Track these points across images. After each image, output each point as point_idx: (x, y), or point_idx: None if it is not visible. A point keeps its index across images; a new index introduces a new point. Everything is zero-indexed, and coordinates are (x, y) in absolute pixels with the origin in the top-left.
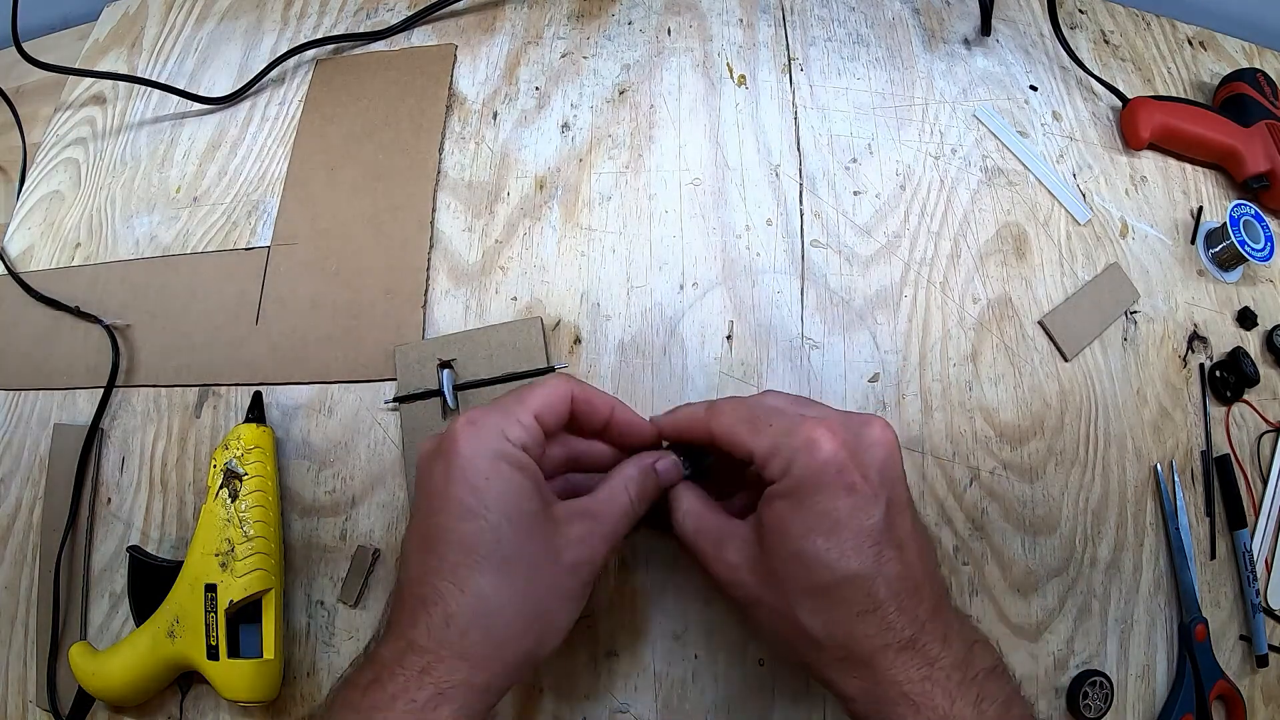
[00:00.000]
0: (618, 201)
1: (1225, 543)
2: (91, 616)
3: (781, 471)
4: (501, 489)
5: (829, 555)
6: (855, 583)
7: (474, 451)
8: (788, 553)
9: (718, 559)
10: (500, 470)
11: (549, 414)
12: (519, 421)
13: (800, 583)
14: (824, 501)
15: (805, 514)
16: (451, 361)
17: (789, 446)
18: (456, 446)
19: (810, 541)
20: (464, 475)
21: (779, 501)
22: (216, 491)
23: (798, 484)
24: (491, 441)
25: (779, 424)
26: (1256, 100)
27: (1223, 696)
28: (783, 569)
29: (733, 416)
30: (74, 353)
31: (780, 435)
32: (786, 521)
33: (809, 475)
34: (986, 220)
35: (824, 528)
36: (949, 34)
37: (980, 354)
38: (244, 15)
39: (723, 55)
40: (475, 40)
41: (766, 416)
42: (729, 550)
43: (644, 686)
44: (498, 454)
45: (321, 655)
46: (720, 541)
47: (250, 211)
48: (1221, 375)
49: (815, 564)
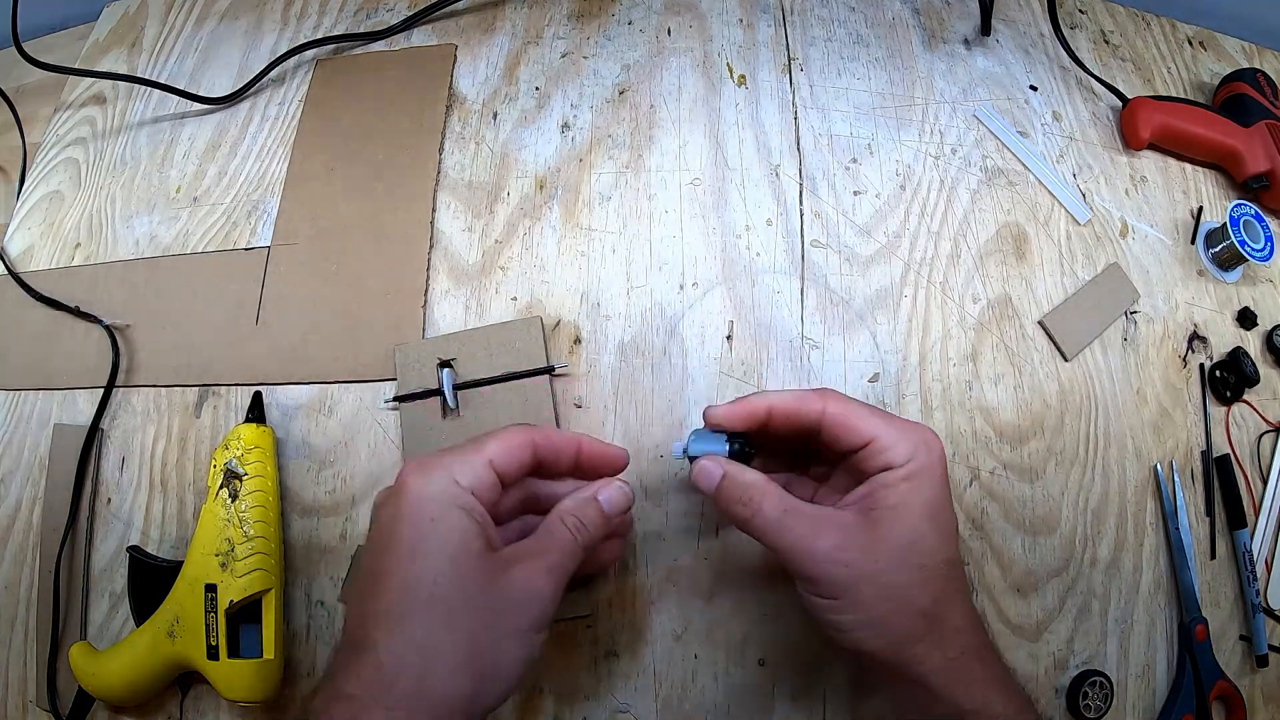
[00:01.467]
0: (618, 201)
1: (1225, 543)
2: (91, 616)
3: (907, 455)
4: (445, 531)
5: (940, 538)
6: (957, 566)
7: (421, 494)
8: (910, 529)
9: (813, 544)
10: (446, 512)
11: (505, 461)
12: (470, 466)
13: (918, 557)
14: (939, 489)
15: (926, 495)
16: (451, 361)
17: (910, 437)
18: (406, 488)
19: (929, 521)
20: (410, 516)
21: (903, 484)
22: (216, 491)
23: (922, 468)
24: (440, 484)
25: (889, 417)
26: (1256, 100)
27: (1223, 696)
28: (905, 542)
29: (847, 403)
30: (74, 353)
31: (903, 427)
32: (910, 500)
33: (930, 464)
34: (986, 220)
35: (935, 513)
36: (949, 34)
37: (980, 354)
38: (244, 15)
39: (723, 55)
40: (475, 40)
41: (873, 409)
42: (831, 532)
43: (644, 686)
44: (445, 496)
45: (321, 655)
46: (818, 524)
47: (250, 211)
48: (1221, 375)
49: (932, 541)
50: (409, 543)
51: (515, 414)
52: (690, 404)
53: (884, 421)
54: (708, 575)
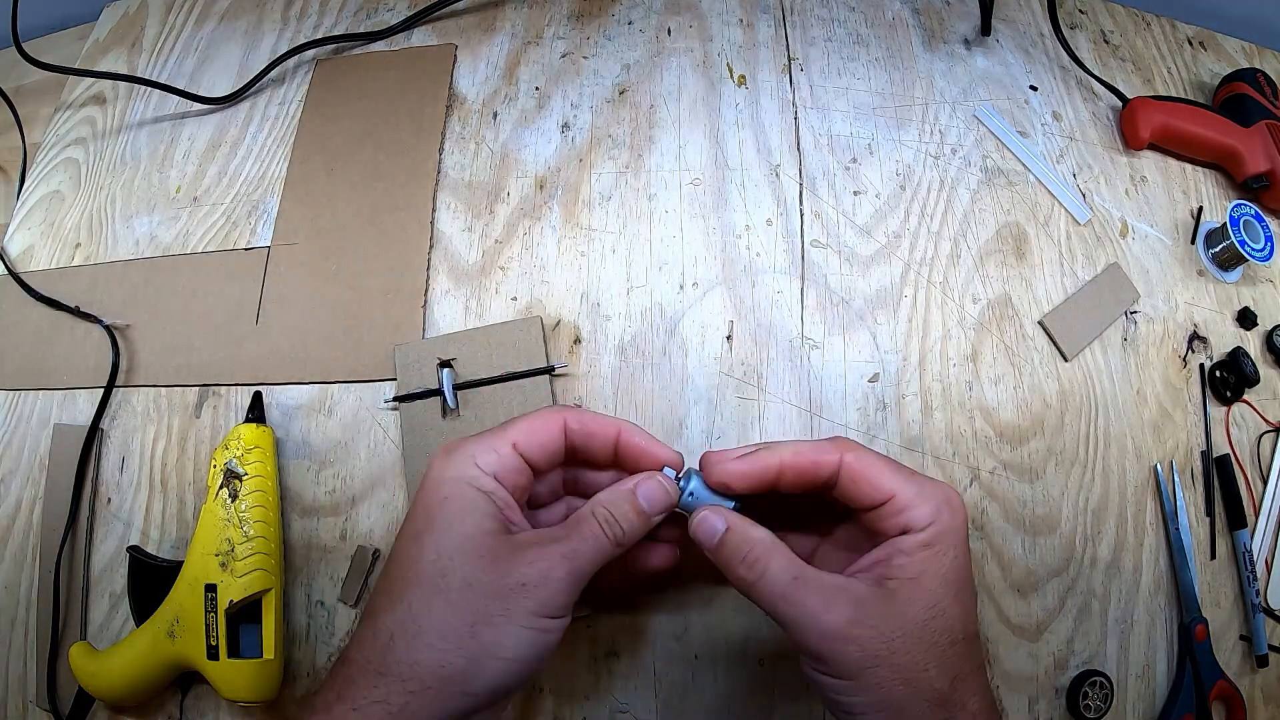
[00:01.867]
0: (618, 201)
1: (1225, 543)
2: (91, 616)
3: (928, 520)
4: (456, 510)
5: (961, 612)
6: (976, 643)
7: (440, 476)
8: (929, 604)
9: (823, 619)
10: (461, 492)
11: (531, 443)
12: (494, 449)
13: (936, 635)
14: (960, 557)
15: (947, 565)
16: (451, 361)
17: (934, 499)
18: (430, 472)
19: (950, 594)
20: (425, 497)
21: (921, 553)
22: (216, 491)
23: (943, 534)
24: (459, 466)
25: (920, 478)
26: (1256, 100)
27: (1223, 696)
28: (922, 620)
29: (873, 457)
30: (74, 353)
31: (925, 485)
32: (929, 572)
33: (952, 529)
34: (986, 220)
35: (957, 583)
36: (949, 34)
37: (980, 354)
38: (244, 15)
39: (723, 55)
40: (475, 40)
41: (903, 467)
42: (844, 605)
43: (644, 687)
44: (461, 477)
45: (321, 655)
46: (831, 595)
47: (250, 211)
48: (1221, 375)
49: (952, 617)
50: (420, 522)
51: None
52: (690, 404)
53: (905, 478)
54: (708, 576)
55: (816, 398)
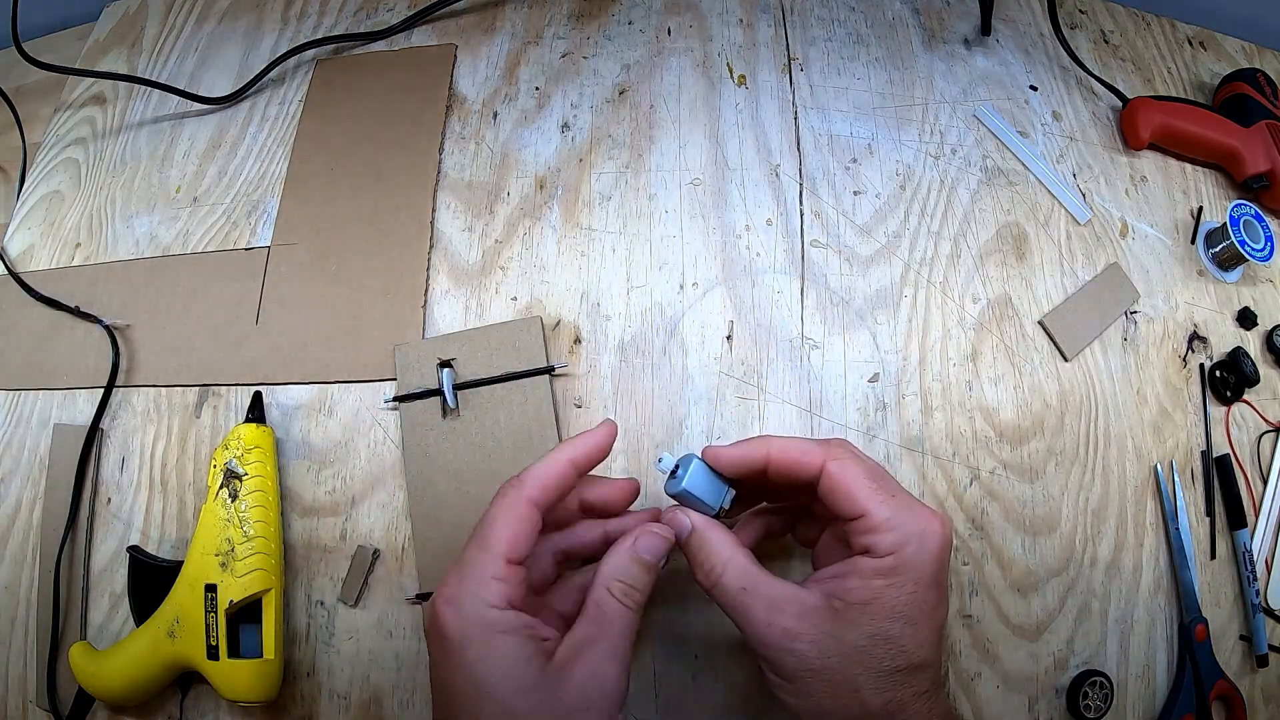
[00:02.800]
0: (618, 201)
1: (1225, 543)
2: (91, 616)
3: (891, 548)
4: (497, 664)
5: (910, 642)
6: (924, 670)
7: (462, 634)
8: (872, 631)
9: (770, 624)
10: (492, 644)
11: (516, 547)
12: (493, 578)
13: (877, 661)
14: (921, 590)
15: (902, 598)
16: (451, 361)
17: (906, 527)
18: (445, 631)
19: (899, 625)
20: (460, 662)
21: (878, 580)
22: (216, 491)
23: (906, 566)
24: (475, 617)
25: (900, 496)
26: (1256, 100)
27: (1223, 696)
28: (861, 645)
29: (857, 469)
30: (74, 353)
31: (900, 510)
32: (880, 601)
33: (918, 563)
34: (986, 220)
35: (913, 615)
36: (949, 34)
37: (980, 354)
38: (244, 15)
39: (723, 55)
40: (475, 40)
41: (887, 483)
42: (785, 616)
43: (644, 687)
44: (484, 627)
45: (321, 655)
46: (776, 605)
47: (250, 211)
48: (1221, 375)
49: (895, 647)
50: (466, 693)
51: (515, 414)
52: (690, 404)
53: (884, 499)
54: None
55: (816, 398)
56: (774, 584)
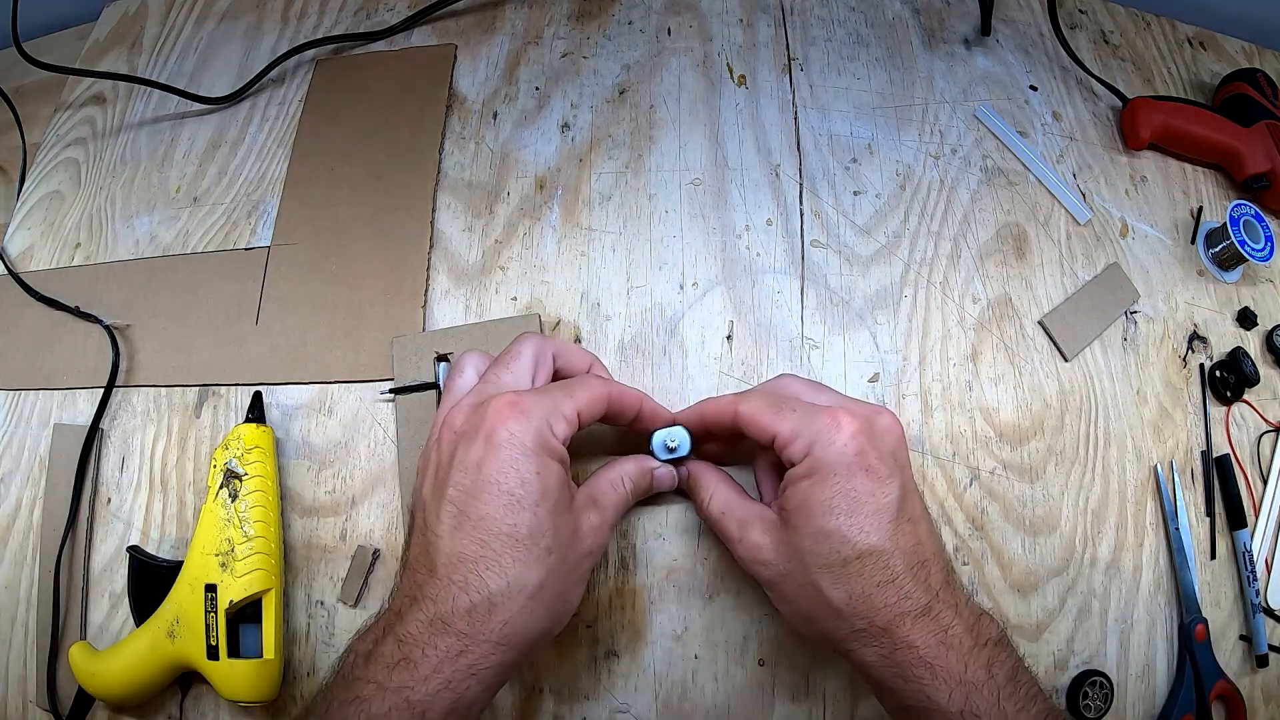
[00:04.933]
0: (618, 201)
1: (1225, 543)
2: (91, 616)
3: (803, 453)
4: (548, 483)
5: (850, 531)
6: (874, 556)
7: (522, 442)
8: (812, 530)
9: (742, 540)
10: (547, 464)
11: (587, 415)
12: (564, 418)
13: (824, 557)
14: (843, 481)
15: (827, 493)
16: (449, 355)
17: (810, 430)
18: (503, 430)
19: (833, 518)
20: (513, 465)
21: (802, 482)
22: (216, 491)
23: (819, 464)
24: (538, 435)
25: (800, 409)
26: (1256, 100)
27: (1223, 696)
28: (807, 545)
29: (758, 402)
30: (74, 353)
31: (801, 420)
32: (810, 500)
33: (829, 457)
34: (986, 220)
35: (844, 505)
36: (949, 34)
37: (980, 354)
38: (244, 15)
39: (723, 55)
40: (475, 40)
41: (788, 402)
42: (753, 531)
43: (644, 686)
44: (544, 447)
45: (321, 655)
46: (745, 523)
47: (250, 211)
48: (1221, 375)
49: (838, 539)
50: (509, 491)
51: None
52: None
53: (785, 415)
54: (708, 575)
55: None
56: (746, 505)
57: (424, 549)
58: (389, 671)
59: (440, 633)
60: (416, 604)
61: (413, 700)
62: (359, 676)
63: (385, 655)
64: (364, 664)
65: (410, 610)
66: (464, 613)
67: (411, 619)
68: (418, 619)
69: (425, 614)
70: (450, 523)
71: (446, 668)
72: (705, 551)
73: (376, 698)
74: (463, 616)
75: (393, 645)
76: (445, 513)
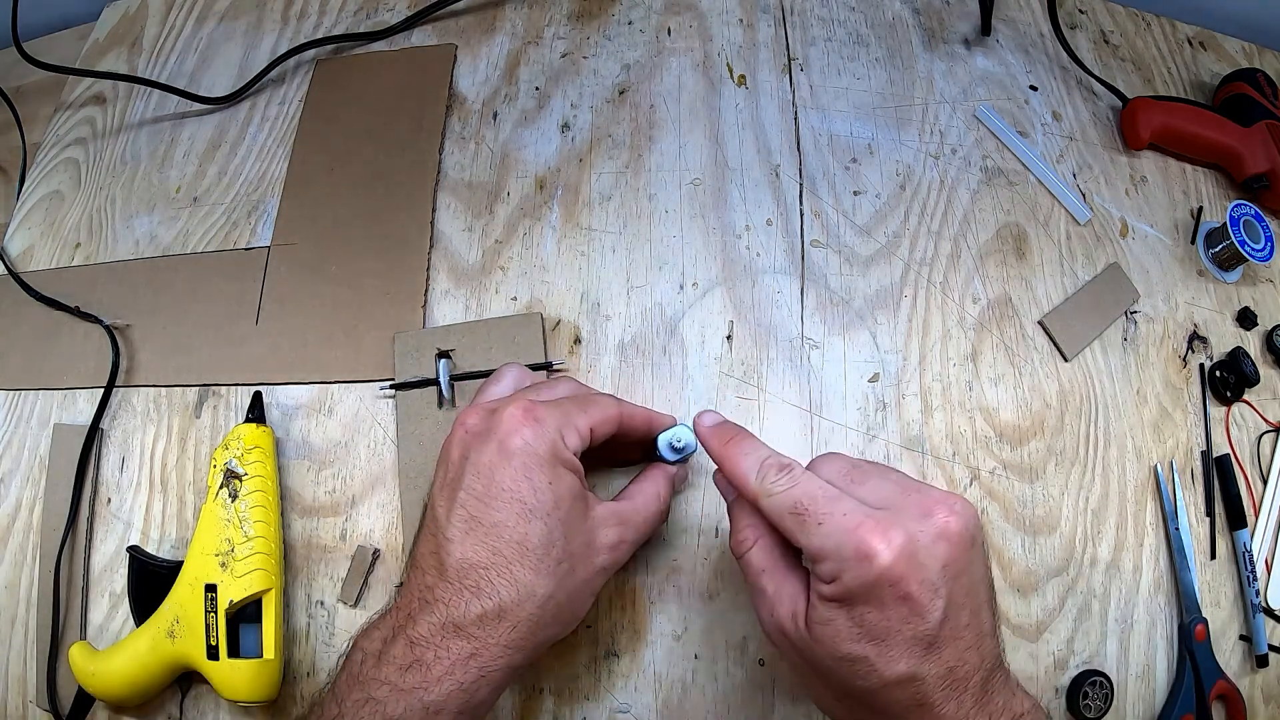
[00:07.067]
0: (618, 201)
1: (1225, 543)
2: (91, 616)
3: (831, 576)
4: (560, 493)
5: (878, 660)
6: (903, 684)
7: (535, 450)
8: (837, 655)
9: (771, 615)
10: (560, 474)
11: (600, 431)
12: (577, 429)
13: (846, 681)
14: (875, 613)
15: (855, 623)
16: (450, 352)
17: (839, 554)
18: (517, 438)
19: (859, 646)
20: (526, 474)
21: (827, 608)
22: (216, 491)
23: (849, 593)
24: (551, 445)
25: (829, 525)
26: (1256, 100)
27: (1223, 696)
28: (828, 665)
29: (782, 503)
30: (74, 353)
31: (831, 539)
32: (835, 626)
33: (862, 588)
34: (986, 220)
35: (875, 635)
36: (949, 34)
37: (980, 354)
38: (244, 15)
39: (723, 55)
40: (475, 40)
41: (815, 511)
42: (783, 605)
43: (644, 687)
44: (557, 457)
45: (321, 655)
46: (778, 599)
47: (250, 211)
48: (1221, 375)
49: (864, 667)
50: (522, 499)
51: None
52: (690, 404)
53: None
54: (708, 575)
55: (816, 398)
56: (784, 578)
57: (434, 549)
58: (402, 673)
59: (452, 636)
60: (428, 607)
61: (426, 701)
62: (371, 677)
63: (397, 656)
64: (375, 664)
65: (421, 613)
66: (475, 618)
67: (423, 621)
68: (429, 621)
69: (437, 617)
70: (462, 527)
71: (458, 670)
72: (705, 551)
73: (391, 699)
74: (474, 622)
75: (404, 647)
76: (456, 516)
